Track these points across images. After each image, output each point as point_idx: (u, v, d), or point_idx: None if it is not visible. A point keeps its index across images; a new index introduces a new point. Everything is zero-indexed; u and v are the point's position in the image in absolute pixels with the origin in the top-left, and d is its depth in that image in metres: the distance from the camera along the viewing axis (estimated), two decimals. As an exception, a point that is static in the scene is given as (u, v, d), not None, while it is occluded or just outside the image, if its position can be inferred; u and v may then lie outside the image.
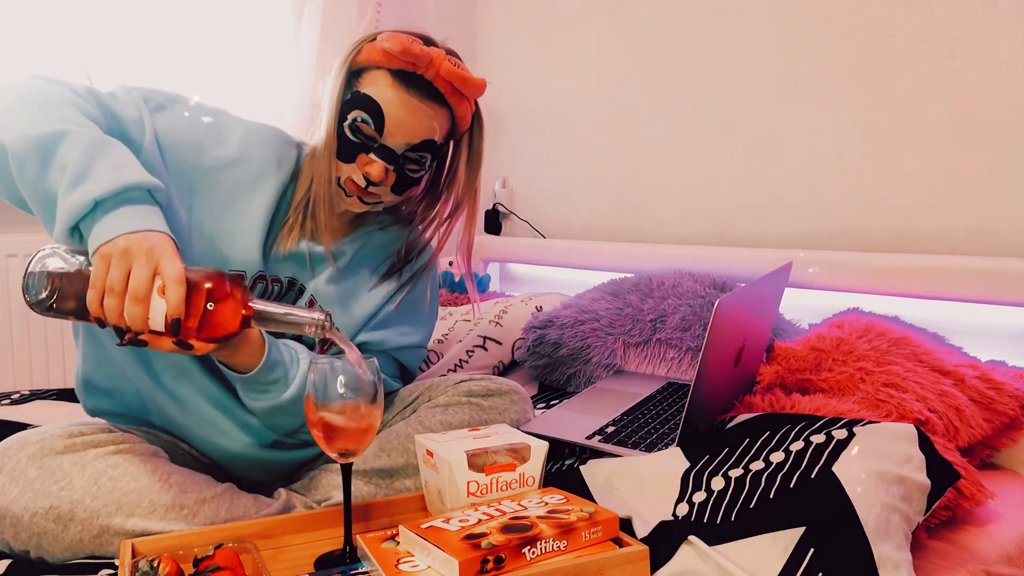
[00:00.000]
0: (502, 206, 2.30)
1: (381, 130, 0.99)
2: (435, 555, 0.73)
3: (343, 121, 0.99)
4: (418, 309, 1.17)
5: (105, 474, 0.87)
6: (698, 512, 0.85)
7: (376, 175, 0.99)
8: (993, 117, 1.34)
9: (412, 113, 0.99)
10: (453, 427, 1.06)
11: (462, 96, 1.03)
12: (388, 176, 1.01)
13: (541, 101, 2.18)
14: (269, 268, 1.02)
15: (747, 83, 1.69)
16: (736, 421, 1.05)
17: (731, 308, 0.99)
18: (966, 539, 0.94)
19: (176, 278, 0.76)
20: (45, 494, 0.85)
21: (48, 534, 0.85)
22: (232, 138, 1.01)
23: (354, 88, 1.00)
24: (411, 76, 0.99)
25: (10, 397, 1.56)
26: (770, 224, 1.67)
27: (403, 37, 0.97)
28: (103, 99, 0.93)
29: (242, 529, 0.88)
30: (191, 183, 0.97)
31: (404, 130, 0.99)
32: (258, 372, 0.92)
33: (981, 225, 1.37)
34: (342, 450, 0.81)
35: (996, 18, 1.32)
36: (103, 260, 0.76)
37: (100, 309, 0.77)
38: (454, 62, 1.00)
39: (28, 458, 0.87)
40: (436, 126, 1.02)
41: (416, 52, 0.96)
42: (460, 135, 1.08)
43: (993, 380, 1.19)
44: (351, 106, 0.99)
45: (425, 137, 1.01)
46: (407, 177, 1.03)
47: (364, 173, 1.00)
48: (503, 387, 1.13)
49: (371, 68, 1.00)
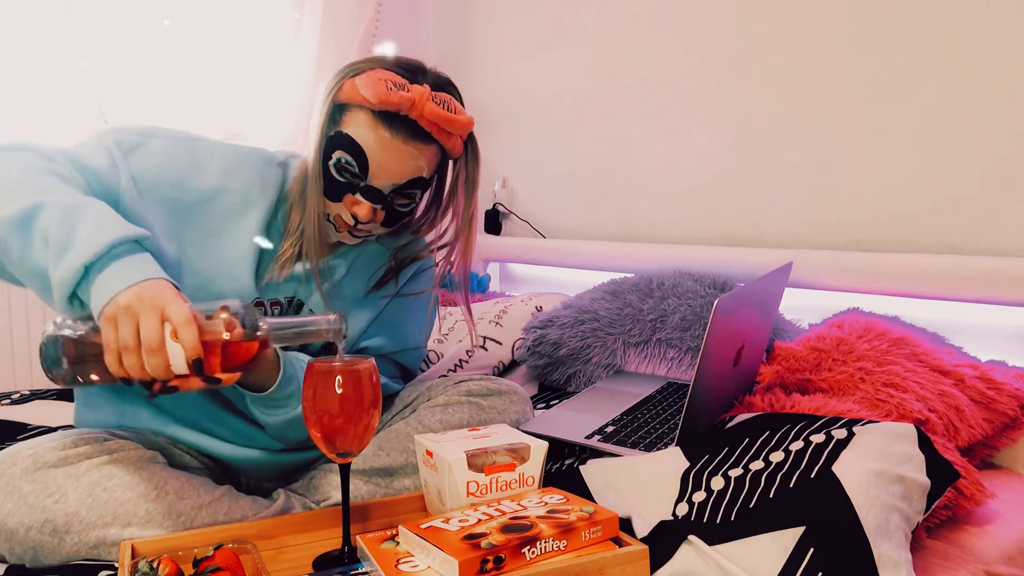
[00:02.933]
0: (502, 206, 2.30)
1: (365, 172, 0.96)
2: (435, 555, 0.73)
3: (328, 160, 0.97)
4: (416, 312, 1.16)
5: (100, 485, 0.87)
6: (698, 512, 0.85)
7: (364, 216, 0.97)
8: (993, 117, 1.34)
9: (396, 156, 0.96)
10: (452, 426, 1.06)
11: (450, 134, 0.99)
12: (376, 214, 0.99)
13: (541, 101, 2.18)
14: (266, 292, 1.01)
15: (747, 83, 1.69)
16: (736, 421, 1.05)
17: (730, 308, 0.99)
18: (966, 539, 0.93)
19: (185, 321, 0.75)
20: (40, 508, 0.84)
21: (44, 547, 0.84)
22: (211, 167, 0.99)
23: (338, 126, 0.97)
24: (394, 116, 0.95)
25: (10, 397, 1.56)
26: (770, 224, 1.67)
27: (382, 85, 0.93)
28: (73, 154, 0.91)
29: (241, 530, 0.88)
30: (176, 219, 0.95)
31: (388, 173, 0.97)
32: (275, 389, 0.92)
33: (981, 225, 1.37)
34: (341, 451, 0.81)
35: (996, 17, 1.32)
36: (109, 322, 0.75)
37: (121, 369, 0.76)
38: (440, 99, 0.96)
39: (22, 472, 0.86)
40: (423, 164, 0.99)
41: (395, 101, 0.93)
42: (455, 158, 1.05)
43: (993, 380, 1.19)
44: (335, 145, 0.96)
45: (412, 176, 0.98)
46: (396, 212, 1.01)
47: (352, 213, 0.98)
48: (502, 387, 1.13)
49: (353, 106, 0.96)
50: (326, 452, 0.81)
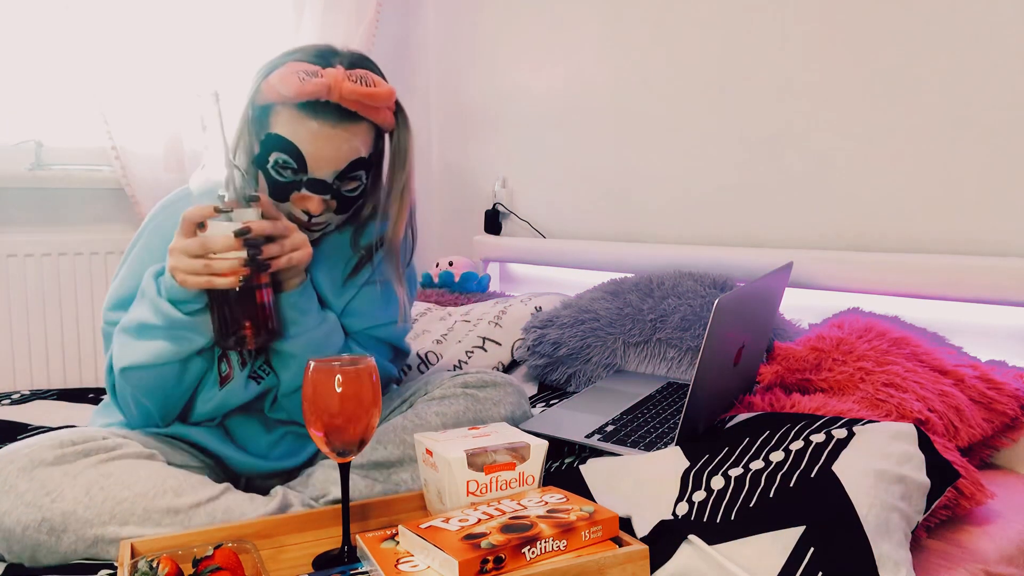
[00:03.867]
0: (502, 206, 2.30)
1: (304, 167, 0.97)
2: (435, 555, 0.73)
3: (265, 163, 0.98)
4: (389, 288, 1.15)
5: (97, 484, 0.87)
6: (698, 511, 0.85)
7: (315, 209, 0.99)
8: (993, 116, 1.34)
9: (329, 143, 0.97)
10: (448, 418, 1.06)
11: (375, 107, 0.99)
12: (328, 204, 1.01)
13: (541, 101, 2.18)
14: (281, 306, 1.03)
15: (747, 83, 1.69)
16: (736, 420, 1.05)
17: (731, 307, 0.99)
18: (966, 539, 0.93)
19: (195, 210, 0.89)
20: (36, 507, 0.84)
21: (42, 546, 0.84)
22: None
23: (267, 128, 0.98)
24: (316, 105, 0.96)
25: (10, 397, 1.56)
26: (770, 224, 1.67)
27: (294, 77, 0.94)
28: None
29: (241, 529, 0.87)
30: None
31: (326, 162, 0.98)
32: (302, 290, 0.99)
33: (981, 225, 1.37)
34: (341, 449, 0.81)
35: (996, 17, 1.32)
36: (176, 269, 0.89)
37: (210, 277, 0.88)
38: (357, 76, 0.96)
39: (18, 471, 0.86)
40: (359, 144, 1.00)
41: (311, 91, 0.94)
42: (390, 132, 1.06)
43: (993, 380, 1.18)
44: (268, 148, 0.98)
45: (351, 159, 0.99)
46: (346, 198, 1.02)
47: (303, 209, 0.99)
48: (498, 379, 1.14)
49: (276, 105, 0.97)
50: (326, 451, 0.81)
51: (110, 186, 1.94)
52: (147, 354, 0.94)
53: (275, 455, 1.09)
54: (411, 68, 2.48)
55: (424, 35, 2.51)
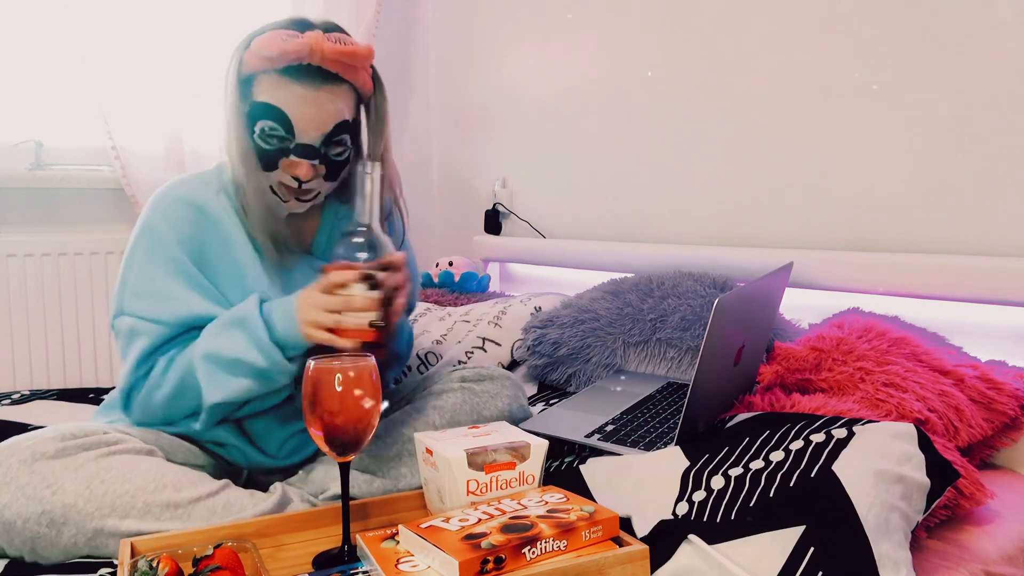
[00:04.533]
0: (502, 206, 2.30)
1: (292, 132, 0.99)
2: (435, 555, 0.73)
3: (253, 133, 1.00)
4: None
5: (98, 477, 0.87)
6: (698, 511, 0.85)
7: (304, 174, 1.00)
8: (993, 116, 1.34)
9: (314, 105, 0.99)
10: (445, 412, 1.07)
11: (355, 68, 1.02)
12: (317, 170, 1.02)
13: (541, 101, 2.18)
14: (290, 288, 1.06)
15: (747, 83, 1.69)
16: (736, 420, 1.05)
17: (731, 307, 0.99)
18: (966, 539, 0.93)
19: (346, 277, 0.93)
20: (37, 499, 0.84)
21: (42, 538, 0.84)
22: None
23: (251, 98, 1.01)
24: (299, 69, 0.98)
25: (10, 397, 1.56)
26: (770, 224, 1.67)
27: (276, 38, 0.97)
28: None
29: (241, 528, 0.87)
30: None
31: (313, 124, 0.99)
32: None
33: (981, 225, 1.37)
34: (341, 449, 0.81)
35: (996, 17, 1.32)
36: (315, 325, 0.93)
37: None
38: (335, 38, 0.99)
39: (19, 463, 0.86)
40: (342, 106, 1.02)
41: (293, 49, 0.96)
42: (367, 100, 1.08)
43: (993, 380, 1.18)
44: (254, 117, 1.00)
45: (336, 121, 1.01)
46: (334, 163, 1.04)
47: (293, 176, 1.01)
48: (495, 373, 1.15)
49: (259, 74, 1.00)
50: (326, 451, 0.81)
51: (110, 186, 1.94)
52: (239, 390, 0.96)
53: (283, 453, 1.10)
54: (411, 68, 2.48)
55: (424, 35, 2.51)
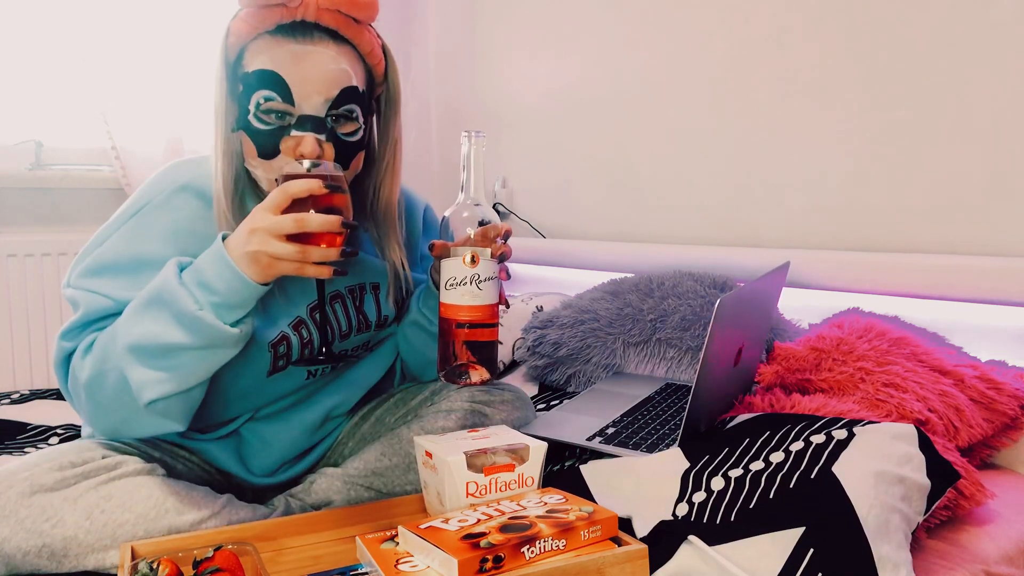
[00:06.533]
0: (502, 206, 2.30)
1: (291, 98, 0.88)
2: (434, 555, 0.73)
3: (247, 113, 0.89)
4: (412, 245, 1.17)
5: (98, 507, 0.85)
6: (698, 512, 0.85)
7: (310, 150, 0.87)
8: (993, 116, 1.34)
9: (313, 63, 0.88)
10: None
11: (356, 23, 0.91)
12: (324, 148, 0.90)
13: (541, 101, 2.18)
14: (332, 286, 1.01)
15: (747, 83, 1.69)
16: (736, 421, 1.05)
17: (732, 307, 0.99)
18: (966, 539, 0.93)
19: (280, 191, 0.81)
20: (37, 533, 0.82)
21: (43, 570, 0.83)
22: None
23: (242, 71, 0.90)
24: (292, 26, 0.89)
25: (10, 397, 1.56)
26: (770, 224, 1.67)
27: None
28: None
29: (241, 531, 0.87)
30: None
31: (314, 86, 0.88)
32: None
33: (981, 225, 1.37)
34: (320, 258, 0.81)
35: (996, 17, 1.32)
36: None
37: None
38: None
39: (18, 496, 0.84)
40: (347, 68, 0.91)
41: None
42: (381, 83, 0.99)
43: (993, 380, 1.18)
44: (247, 94, 0.89)
45: (342, 86, 0.90)
46: (345, 143, 0.92)
47: (298, 157, 0.88)
48: (506, 394, 1.13)
49: (249, 42, 0.91)
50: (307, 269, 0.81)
51: (110, 186, 1.95)
52: (174, 381, 0.83)
53: (279, 472, 1.08)
54: (411, 68, 2.48)
55: (424, 35, 2.51)
